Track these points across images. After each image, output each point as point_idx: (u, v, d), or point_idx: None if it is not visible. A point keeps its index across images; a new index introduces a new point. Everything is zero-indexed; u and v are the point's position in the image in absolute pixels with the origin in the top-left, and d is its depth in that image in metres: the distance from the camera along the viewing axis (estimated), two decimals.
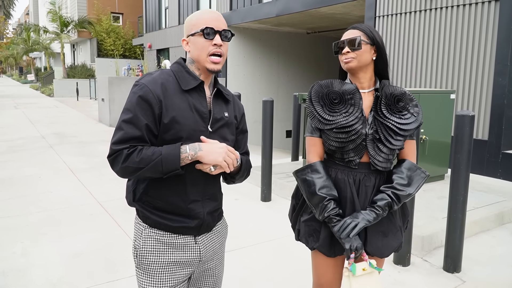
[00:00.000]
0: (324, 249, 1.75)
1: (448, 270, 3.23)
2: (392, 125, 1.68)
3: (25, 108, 16.16)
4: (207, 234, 1.61)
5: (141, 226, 1.56)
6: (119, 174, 1.45)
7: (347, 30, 1.75)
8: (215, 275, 1.70)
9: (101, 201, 4.88)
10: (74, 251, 3.50)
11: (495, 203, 4.50)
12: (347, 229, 1.62)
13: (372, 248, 1.70)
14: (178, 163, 1.41)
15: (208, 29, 1.47)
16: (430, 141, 5.10)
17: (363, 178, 1.73)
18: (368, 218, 1.64)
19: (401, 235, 1.79)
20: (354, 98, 1.71)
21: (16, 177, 5.89)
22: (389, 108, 1.71)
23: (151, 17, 21.27)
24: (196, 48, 1.50)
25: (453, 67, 6.79)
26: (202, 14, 1.52)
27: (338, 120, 1.68)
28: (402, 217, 1.84)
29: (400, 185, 1.68)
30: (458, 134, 3.12)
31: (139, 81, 1.48)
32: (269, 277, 3.15)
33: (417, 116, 1.74)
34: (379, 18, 8.05)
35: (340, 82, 1.76)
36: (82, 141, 9.11)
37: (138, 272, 1.58)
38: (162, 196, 1.50)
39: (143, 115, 1.42)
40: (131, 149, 1.41)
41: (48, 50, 32.37)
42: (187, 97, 1.49)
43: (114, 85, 11.75)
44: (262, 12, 11.64)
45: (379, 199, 1.67)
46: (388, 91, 1.73)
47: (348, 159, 1.71)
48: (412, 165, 1.74)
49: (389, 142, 1.68)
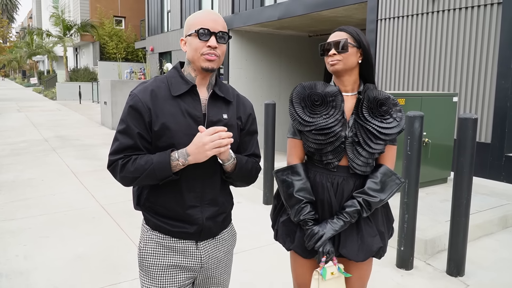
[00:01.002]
0: (300, 250, 1.75)
1: (452, 273, 3.21)
2: (372, 129, 1.67)
3: (28, 111, 16.22)
4: (210, 240, 1.60)
5: (145, 228, 1.58)
6: (121, 183, 1.51)
7: (333, 32, 1.73)
8: (220, 283, 1.69)
9: (104, 204, 4.89)
10: (76, 254, 3.50)
11: (499, 206, 4.48)
12: (314, 239, 1.63)
13: (346, 251, 1.69)
14: (170, 170, 1.42)
15: (203, 30, 1.44)
16: (433, 144, 5.09)
17: (341, 181, 1.71)
18: (335, 228, 1.64)
19: (382, 240, 1.75)
20: (336, 100, 1.70)
21: (19, 180, 5.91)
22: (371, 111, 1.70)
23: (153, 20, 21.33)
24: (191, 49, 1.48)
25: (456, 70, 6.79)
26: (200, 15, 1.50)
27: (317, 121, 1.68)
28: (386, 222, 1.82)
29: (372, 190, 1.67)
30: (461, 137, 3.11)
31: (132, 92, 1.51)
32: (271, 280, 3.14)
33: (399, 121, 1.72)
34: (381, 21, 8.05)
35: (323, 84, 1.75)
36: (84, 144, 9.13)
37: (140, 273, 1.60)
38: (161, 202, 1.51)
39: (135, 124, 1.45)
40: (125, 159, 1.45)
41: (51, 54, 32.53)
42: (178, 102, 1.48)
43: (117, 89, 11.78)
44: (264, 15, 11.66)
45: (348, 205, 1.66)
46: (371, 94, 1.72)
47: (327, 161, 1.70)
48: (388, 170, 1.73)
49: (368, 146, 1.67)
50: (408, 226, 3.24)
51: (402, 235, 3.26)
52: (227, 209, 1.64)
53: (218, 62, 1.49)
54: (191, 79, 1.52)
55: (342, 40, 1.67)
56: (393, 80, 7.85)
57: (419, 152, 3.22)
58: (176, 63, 1.59)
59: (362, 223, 1.71)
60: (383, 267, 3.33)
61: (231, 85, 1.67)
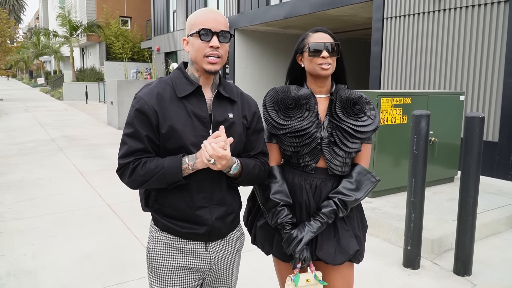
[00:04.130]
0: (279, 254, 1.74)
1: (459, 273, 3.20)
2: (347, 128, 1.67)
3: (35, 111, 16.33)
4: (219, 241, 1.59)
5: (154, 229, 1.58)
6: (129, 186, 1.51)
7: (315, 32, 1.70)
8: (228, 284, 1.68)
9: (111, 203, 4.92)
10: (83, 253, 3.53)
11: (506, 205, 4.45)
12: (293, 244, 1.61)
13: (323, 254, 1.67)
14: (180, 174, 1.42)
15: (204, 30, 1.43)
16: (440, 143, 5.06)
17: (320, 183, 1.71)
18: (313, 229, 1.63)
19: (359, 244, 1.73)
20: (309, 102, 1.69)
21: (27, 180, 5.96)
22: (345, 111, 1.70)
23: (159, 20, 21.40)
24: (193, 49, 1.47)
25: (462, 68, 6.74)
26: (201, 14, 1.48)
27: (292, 124, 1.67)
28: (362, 228, 1.80)
29: (347, 189, 1.66)
30: (468, 136, 3.09)
31: (137, 94, 1.50)
32: (276, 280, 3.14)
33: (374, 119, 1.72)
34: (387, 20, 8.02)
35: (296, 88, 1.74)
36: (91, 143, 9.18)
37: (149, 274, 1.59)
38: (170, 204, 1.51)
39: (142, 127, 1.45)
40: (136, 162, 1.45)
41: (58, 54, 32.74)
42: (184, 103, 1.47)
43: (123, 88, 11.83)
44: (269, 14, 11.66)
45: (324, 205, 1.66)
46: (343, 94, 1.72)
47: (304, 163, 1.69)
48: (363, 169, 1.72)
49: (344, 145, 1.67)
50: (415, 225, 3.23)
51: (409, 234, 3.25)
52: (235, 208, 1.62)
53: (221, 62, 1.49)
54: (195, 80, 1.52)
55: (335, 43, 1.65)
56: (399, 79, 7.82)
57: (425, 151, 3.20)
58: (180, 64, 1.58)
59: (339, 226, 1.70)
60: (390, 266, 3.33)
61: (235, 84, 1.67)
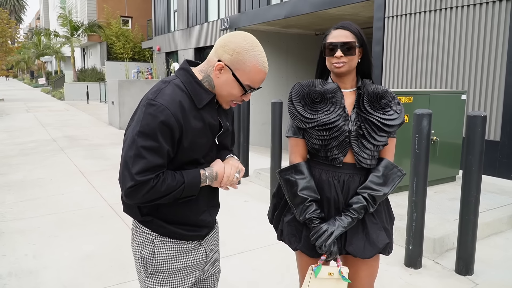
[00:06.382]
0: (307, 250, 1.75)
1: (460, 272, 3.19)
2: (376, 121, 1.68)
3: (36, 112, 16.35)
4: (208, 236, 1.63)
5: (150, 236, 1.52)
6: (136, 202, 1.39)
7: (335, 29, 1.69)
8: (217, 272, 1.73)
9: (112, 203, 4.92)
10: (85, 253, 3.53)
11: (508, 204, 4.44)
12: (323, 237, 1.62)
13: (352, 248, 1.69)
14: (198, 190, 1.43)
15: (249, 88, 1.44)
16: (441, 142, 5.05)
17: (347, 179, 1.71)
18: (343, 224, 1.64)
19: (388, 236, 1.76)
20: (336, 96, 1.70)
21: (28, 180, 5.96)
22: (372, 104, 1.71)
23: (160, 20, 21.40)
24: (226, 86, 1.43)
25: (464, 67, 6.73)
26: (258, 69, 1.42)
27: (320, 118, 1.68)
28: (389, 220, 1.82)
29: (375, 184, 1.68)
30: (469, 135, 3.08)
31: (156, 101, 1.34)
32: (278, 280, 3.14)
33: (400, 113, 1.73)
34: (388, 19, 8.00)
35: (321, 82, 1.75)
36: (92, 144, 9.18)
37: (148, 281, 1.53)
38: (174, 211, 1.48)
39: (166, 142, 1.34)
40: (155, 180, 1.33)
41: (59, 54, 32.75)
42: (202, 114, 1.43)
43: (124, 88, 11.84)
44: (270, 14, 11.65)
45: (354, 202, 1.67)
46: (370, 89, 1.73)
47: (332, 157, 1.70)
48: (389, 163, 1.74)
49: (373, 138, 1.68)
50: (417, 224, 3.22)
51: (411, 233, 3.24)
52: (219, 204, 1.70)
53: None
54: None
55: (350, 42, 1.65)
56: (401, 78, 7.81)
57: (427, 150, 3.19)
58: (184, 64, 1.50)
59: (367, 220, 1.71)
60: (392, 266, 3.32)
61: None
